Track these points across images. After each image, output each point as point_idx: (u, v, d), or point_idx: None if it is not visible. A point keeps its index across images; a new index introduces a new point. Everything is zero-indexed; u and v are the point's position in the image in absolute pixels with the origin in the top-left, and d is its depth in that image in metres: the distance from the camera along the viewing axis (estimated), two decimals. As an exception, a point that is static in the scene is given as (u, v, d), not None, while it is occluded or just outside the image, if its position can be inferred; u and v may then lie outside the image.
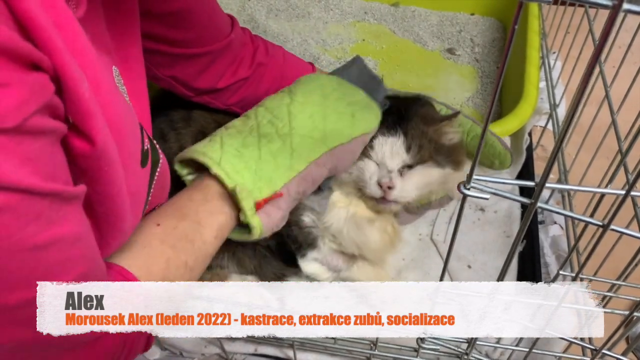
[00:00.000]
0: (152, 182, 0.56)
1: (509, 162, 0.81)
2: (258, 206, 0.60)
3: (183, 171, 0.65)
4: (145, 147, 0.52)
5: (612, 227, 0.38)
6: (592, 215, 0.63)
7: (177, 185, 0.65)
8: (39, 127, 0.34)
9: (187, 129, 0.79)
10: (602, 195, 0.58)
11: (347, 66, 0.77)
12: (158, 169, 0.57)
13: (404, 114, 0.76)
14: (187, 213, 0.58)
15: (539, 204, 0.38)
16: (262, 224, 0.60)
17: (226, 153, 0.60)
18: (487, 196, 0.39)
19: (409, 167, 0.74)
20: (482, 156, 0.80)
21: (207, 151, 0.61)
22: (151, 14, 0.62)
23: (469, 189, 0.39)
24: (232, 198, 0.60)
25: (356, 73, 0.75)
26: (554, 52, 1.20)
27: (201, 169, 0.63)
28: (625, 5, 0.27)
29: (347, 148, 0.66)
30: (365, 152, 0.74)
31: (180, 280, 0.54)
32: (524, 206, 0.99)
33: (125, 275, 0.49)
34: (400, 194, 0.72)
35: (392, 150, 0.73)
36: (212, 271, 0.89)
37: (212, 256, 0.60)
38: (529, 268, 0.90)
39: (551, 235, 0.97)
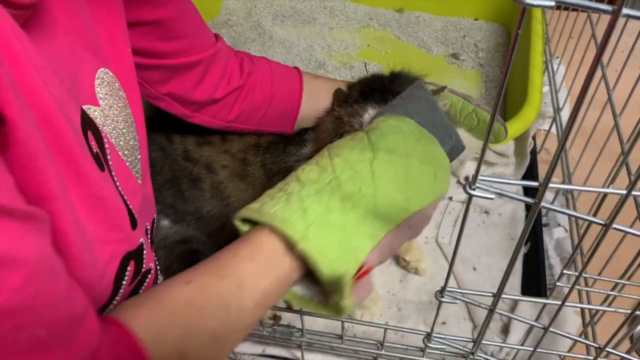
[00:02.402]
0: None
1: (503, 137, 0.81)
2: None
3: (244, 227, 0.54)
4: (95, 150, 0.46)
5: (614, 225, 0.39)
6: (594, 215, 0.64)
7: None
8: None
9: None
10: (605, 196, 0.59)
11: (412, 94, 0.70)
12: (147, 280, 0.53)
13: (392, 90, 0.76)
14: (228, 272, 0.48)
15: (543, 204, 0.39)
16: (353, 304, 0.51)
17: (312, 223, 0.50)
18: (492, 196, 0.40)
19: None
20: (477, 132, 0.80)
21: (289, 217, 0.50)
22: (139, 24, 0.61)
23: (474, 189, 0.40)
24: (294, 260, 0.50)
25: (427, 114, 0.67)
26: (557, 57, 1.21)
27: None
28: (625, 10, 0.28)
29: (425, 212, 0.57)
30: (352, 129, 0.74)
31: (202, 353, 0.46)
32: (528, 209, 1.00)
33: (128, 338, 0.42)
34: None
35: None
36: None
37: (248, 329, 0.50)
38: (534, 270, 0.91)
39: (555, 238, 0.98)
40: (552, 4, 0.28)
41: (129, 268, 0.49)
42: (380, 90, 0.76)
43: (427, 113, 0.65)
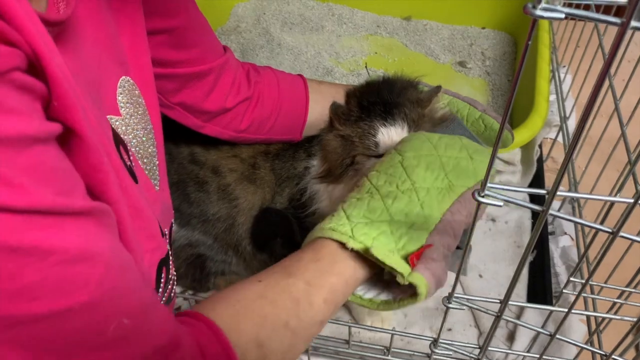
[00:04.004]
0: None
1: (510, 142, 0.82)
2: (411, 262, 0.52)
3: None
4: (128, 164, 0.49)
5: (621, 233, 0.39)
6: (601, 224, 0.64)
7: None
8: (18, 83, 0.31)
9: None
10: (612, 204, 0.59)
11: (447, 126, 0.75)
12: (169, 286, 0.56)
13: (393, 101, 0.76)
14: (294, 272, 0.52)
15: (550, 212, 0.40)
16: (426, 281, 0.52)
17: (357, 224, 0.54)
18: (501, 203, 0.40)
19: None
20: (485, 139, 0.81)
21: (335, 226, 0.54)
22: (151, 34, 0.62)
23: (483, 197, 0.41)
24: (353, 259, 0.54)
25: (458, 133, 0.71)
26: (564, 66, 1.22)
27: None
28: (633, 23, 0.29)
29: (467, 195, 0.59)
30: (368, 152, 0.75)
31: (278, 343, 0.48)
32: (534, 217, 1.00)
33: (211, 328, 0.45)
34: None
35: (399, 138, 0.72)
36: (226, 277, 0.91)
37: (320, 324, 0.53)
38: (539, 278, 0.91)
39: (561, 246, 0.98)
40: (562, 16, 0.29)
41: (162, 275, 0.52)
42: (381, 102, 0.77)
43: (456, 132, 0.70)
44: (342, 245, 0.53)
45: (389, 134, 0.73)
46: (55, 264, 0.32)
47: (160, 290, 0.52)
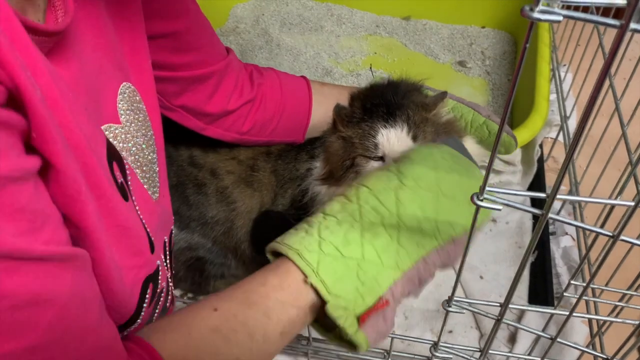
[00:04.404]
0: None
1: (513, 148, 0.81)
2: (362, 319, 0.50)
3: (272, 258, 0.55)
4: (120, 181, 0.48)
5: (622, 237, 0.39)
6: (602, 226, 0.63)
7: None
8: None
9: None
10: (613, 206, 0.59)
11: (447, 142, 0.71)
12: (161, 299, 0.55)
13: (396, 102, 0.76)
14: (255, 300, 0.49)
15: (550, 215, 0.39)
16: (368, 339, 0.51)
17: (325, 256, 0.50)
18: (500, 207, 0.40)
19: None
20: (488, 145, 0.80)
21: (303, 250, 0.51)
22: (153, 37, 0.62)
23: (482, 200, 0.40)
24: (313, 290, 0.51)
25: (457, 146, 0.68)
26: (565, 65, 1.21)
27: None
28: (633, 25, 0.28)
29: (459, 242, 0.54)
30: (367, 153, 0.74)
31: None
32: (535, 217, 0.99)
33: (153, 358, 0.43)
34: None
35: (398, 141, 0.73)
36: (226, 280, 0.91)
37: (273, 356, 0.51)
38: (541, 279, 0.91)
39: (562, 246, 0.98)
40: (560, 18, 0.28)
41: (148, 290, 0.51)
42: (384, 104, 0.76)
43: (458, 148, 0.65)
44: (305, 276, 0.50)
45: (389, 135, 0.73)
46: (4, 308, 0.32)
47: (145, 305, 0.50)
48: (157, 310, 0.55)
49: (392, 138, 0.73)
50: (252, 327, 0.48)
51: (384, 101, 0.76)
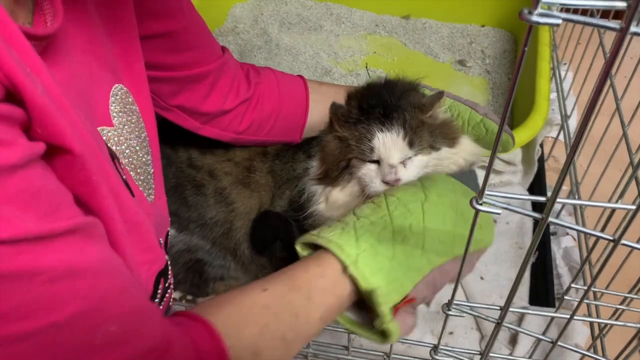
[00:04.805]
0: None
1: (510, 146, 0.81)
2: (395, 311, 0.54)
3: (303, 252, 0.60)
4: (124, 177, 0.49)
5: (623, 241, 0.38)
6: (603, 229, 0.63)
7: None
8: None
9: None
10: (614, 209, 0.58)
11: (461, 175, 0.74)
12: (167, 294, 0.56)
13: (393, 104, 0.75)
14: (300, 285, 0.53)
15: (550, 219, 0.39)
16: (400, 331, 0.54)
17: (363, 251, 0.55)
18: (500, 211, 0.39)
19: (409, 157, 0.74)
20: (485, 143, 0.80)
21: (343, 244, 0.55)
22: (148, 37, 0.62)
23: (481, 204, 0.40)
24: (352, 283, 0.54)
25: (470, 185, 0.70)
26: (565, 64, 1.21)
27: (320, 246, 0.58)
28: (633, 28, 0.28)
29: (469, 259, 0.60)
30: (363, 156, 0.74)
31: (272, 353, 0.50)
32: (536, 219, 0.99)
33: (209, 331, 0.46)
34: (404, 182, 0.72)
35: (394, 146, 0.72)
36: (225, 282, 0.91)
37: (311, 338, 0.55)
38: (542, 279, 0.90)
39: (563, 247, 0.97)
40: (559, 22, 0.28)
41: (160, 286, 0.52)
42: (381, 105, 0.75)
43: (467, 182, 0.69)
44: (345, 266, 0.54)
45: (385, 140, 0.72)
46: (42, 283, 0.33)
47: (157, 300, 0.52)
48: (161, 307, 0.56)
49: (388, 142, 0.72)
50: (297, 308, 0.51)
51: (380, 102, 0.76)
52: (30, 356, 0.34)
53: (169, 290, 0.57)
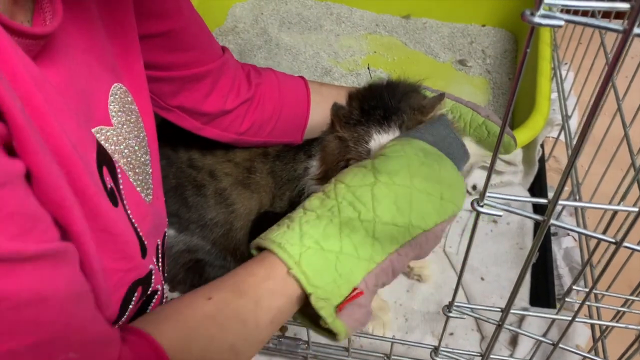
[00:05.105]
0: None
1: (512, 148, 0.80)
2: (339, 308, 0.53)
3: (253, 251, 0.58)
4: (109, 186, 0.48)
5: (625, 244, 0.38)
6: (605, 231, 0.63)
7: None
8: None
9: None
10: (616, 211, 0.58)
11: (433, 124, 0.70)
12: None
13: (393, 106, 0.75)
14: (246, 290, 0.51)
15: (552, 221, 0.39)
16: (346, 327, 0.53)
17: (307, 249, 0.53)
18: (500, 213, 0.39)
19: None
20: (487, 145, 0.80)
21: (285, 244, 0.53)
22: (147, 37, 0.62)
23: (482, 206, 0.40)
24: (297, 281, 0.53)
25: (442, 135, 0.67)
26: (566, 63, 1.21)
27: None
28: (636, 30, 0.27)
29: (431, 234, 0.57)
30: (360, 157, 0.73)
31: None
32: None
33: (155, 349, 0.44)
34: None
35: None
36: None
37: (263, 342, 0.54)
38: (542, 280, 0.90)
39: (564, 247, 0.97)
40: (562, 23, 0.28)
41: (136, 294, 0.51)
42: (381, 107, 0.75)
43: (441, 132, 0.66)
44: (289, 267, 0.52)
45: (381, 141, 0.72)
46: (6, 309, 0.32)
47: (131, 307, 0.51)
48: (149, 311, 0.55)
49: (384, 144, 0.72)
50: (245, 314, 0.50)
51: (381, 104, 0.76)
52: None
53: (156, 296, 0.56)
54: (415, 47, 1.41)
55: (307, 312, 0.56)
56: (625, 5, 0.28)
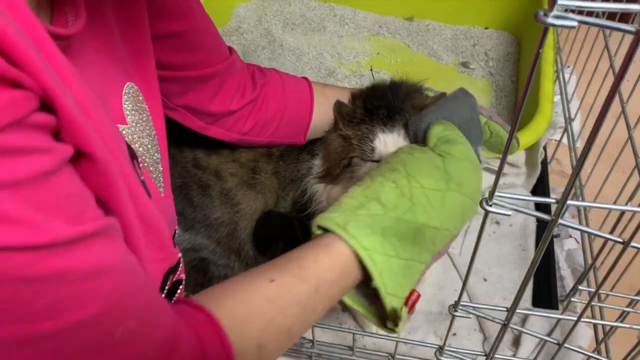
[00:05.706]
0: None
1: (515, 149, 0.81)
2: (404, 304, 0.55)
3: (318, 231, 0.57)
4: (142, 178, 0.50)
5: (633, 244, 0.39)
6: (612, 231, 0.63)
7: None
8: (15, 145, 0.32)
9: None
10: (623, 212, 0.58)
11: (457, 100, 0.70)
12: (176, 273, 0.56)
13: (397, 106, 0.75)
14: (309, 277, 0.52)
15: (560, 220, 0.39)
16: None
17: (387, 254, 0.54)
18: (509, 212, 0.40)
19: None
20: (489, 145, 0.80)
21: (359, 236, 0.54)
22: (156, 37, 0.62)
23: (491, 206, 0.40)
24: (360, 271, 0.54)
25: (466, 117, 0.67)
26: (569, 66, 1.21)
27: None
28: (648, 31, 0.28)
29: (453, 237, 0.60)
30: (364, 155, 0.74)
31: (277, 345, 0.50)
32: (539, 220, 0.99)
33: (213, 325, 0.45)
34: None
35: (395, 146, 0.71)
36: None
37: (311, 325, 0.56)
38: (545, 282, 0.90)
39: (566, 249, 0.97)
40: (575, 24, 0.28)
41: (168, 282, 0.53)
42: (385, 106, 0.76)
43: (466, 114, 0.67)
44: (355, 256, 0.53)
45: (386, 140, 0.73)
46: (70, 283, 0.34)
47: (164, 295, 0.53)
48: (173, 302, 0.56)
49: (389, 143, 0.73)
50: (305, 301, 0.51)
51: (384, 103, 0.76)
52: (57, 353, 0.35)
53: (180, 286, 0.58)
54: (418, 49, 1.41)
55: (360, 294, 0.59)
56: (638, 7, 0.28)
